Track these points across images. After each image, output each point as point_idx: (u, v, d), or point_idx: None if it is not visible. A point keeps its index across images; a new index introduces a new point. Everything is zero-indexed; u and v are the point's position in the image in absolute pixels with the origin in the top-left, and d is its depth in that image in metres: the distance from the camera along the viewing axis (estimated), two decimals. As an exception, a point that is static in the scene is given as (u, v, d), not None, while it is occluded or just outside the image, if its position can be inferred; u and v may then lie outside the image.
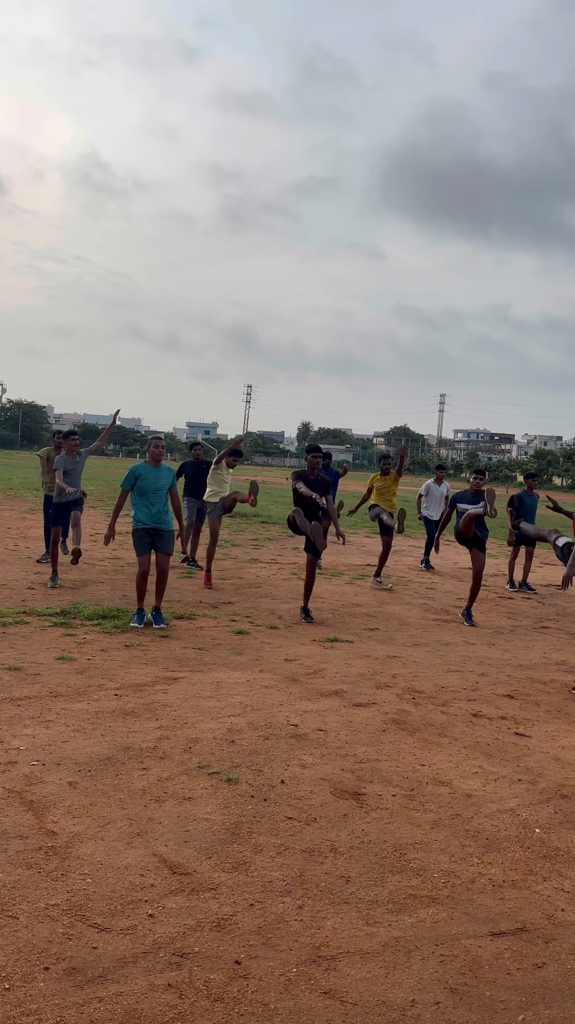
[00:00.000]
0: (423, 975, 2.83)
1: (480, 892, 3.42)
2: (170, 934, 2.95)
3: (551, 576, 14.12)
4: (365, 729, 5.31)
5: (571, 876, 3.61)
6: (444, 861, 3.65)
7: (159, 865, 3.42)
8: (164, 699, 5.61)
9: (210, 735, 4.96)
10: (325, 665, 6.94)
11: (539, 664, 7.64)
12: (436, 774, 4.65)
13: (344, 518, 15.65)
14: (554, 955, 3.01)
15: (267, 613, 9.06)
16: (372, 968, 2.85)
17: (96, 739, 4.77)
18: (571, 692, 6.62)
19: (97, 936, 2.90)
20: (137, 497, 8.18)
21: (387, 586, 11.47)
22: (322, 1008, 2.62)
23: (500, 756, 5.03)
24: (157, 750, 4.67)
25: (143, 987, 2.64)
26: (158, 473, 8.21)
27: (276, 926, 3.06)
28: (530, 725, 5.72)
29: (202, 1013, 2.55)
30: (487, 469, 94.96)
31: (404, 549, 16.36)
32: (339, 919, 3.13)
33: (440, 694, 6.29)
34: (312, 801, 4.16)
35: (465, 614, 9.52)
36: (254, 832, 3.78)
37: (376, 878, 3.46)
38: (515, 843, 3.88)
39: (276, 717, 5.39)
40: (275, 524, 19.25)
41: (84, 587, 9.71)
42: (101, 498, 21.73)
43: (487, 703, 6.16)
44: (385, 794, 4.31)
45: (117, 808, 3.92)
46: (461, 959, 2.94)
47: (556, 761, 5.01)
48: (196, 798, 4.08)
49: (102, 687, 5.80)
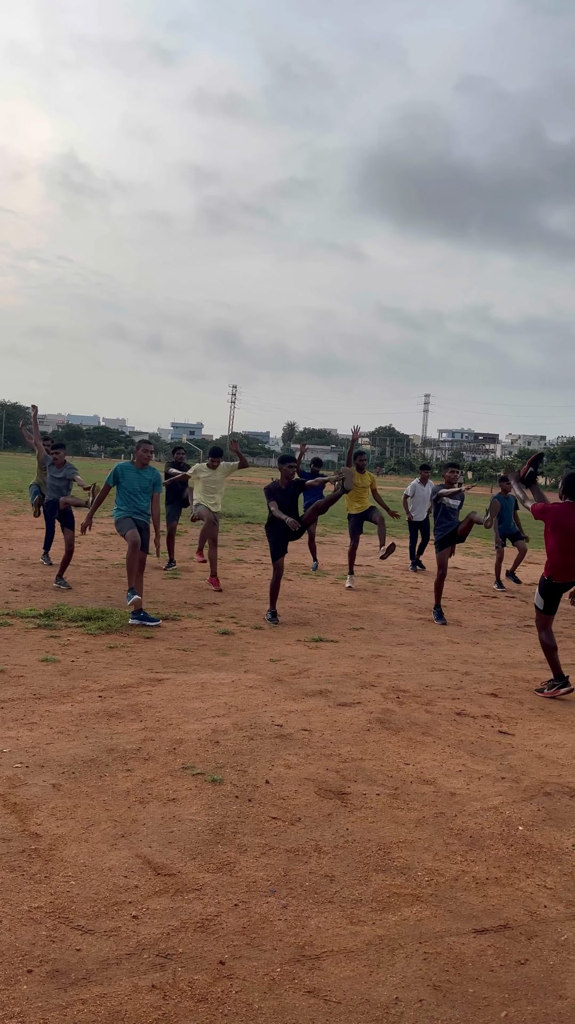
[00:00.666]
0: (407, 973, 2.84)
1: (464, 890, 3.43)
2: (154, 935, 2.94)
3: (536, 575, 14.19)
4: (350, 728, 5.32)
5: (554, 873, 3.63)
6: (428, 859, 3.66)
7: (143, 866, 3.42)
8: (148, 700, 5.60)
9: (195, 736, 4.95)
10: (310, 665, 6.95)
11: (523, 662, 7.68)
12: (420, 773, 4.66)
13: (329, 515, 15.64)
14: (536, 952, 3.03)
15: (252, 614, 9.06)
16: (356, 967, 2.86)
17: (80, 741, 4.75)
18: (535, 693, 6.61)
19: (80, 938, 2.89)
20: (121, 496, 8.35)
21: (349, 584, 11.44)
22: (306, 1007, 2.62)
23: (484, 754, 5.05)
24: (141, 751, 4.66)
25: (127, 988, 2.64)
26: (142, 475, 8.35)
27: (260, 926, 3.06)
28: (514, 723, 5.74)
29: (186, 1014, 2.55)
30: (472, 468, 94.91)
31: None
32: (323, 918, 3.14)
33: (424, 693, 6.31)
34: (297, 801, 4.16)
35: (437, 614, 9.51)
36: (239, 832, 3.78)
37: (360, 877, 3.46)
38: (498, 841, 3.90)
39: (261, 717, 5.39)
40: (260, 524, 19.26)
41: (72, 587, 9.67)
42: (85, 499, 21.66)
43: (471, 702, 6.18)
44: (369, 793, 4.32)
45: (101, 810, 3.91)
46: (444, 957, 2.95)
47: (539, 759, 5.04)
48: (180, 799, 4.08)
49: (86, 689, 5.78)
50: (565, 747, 5.30)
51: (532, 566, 15.43)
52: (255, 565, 12.92)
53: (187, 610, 8.97)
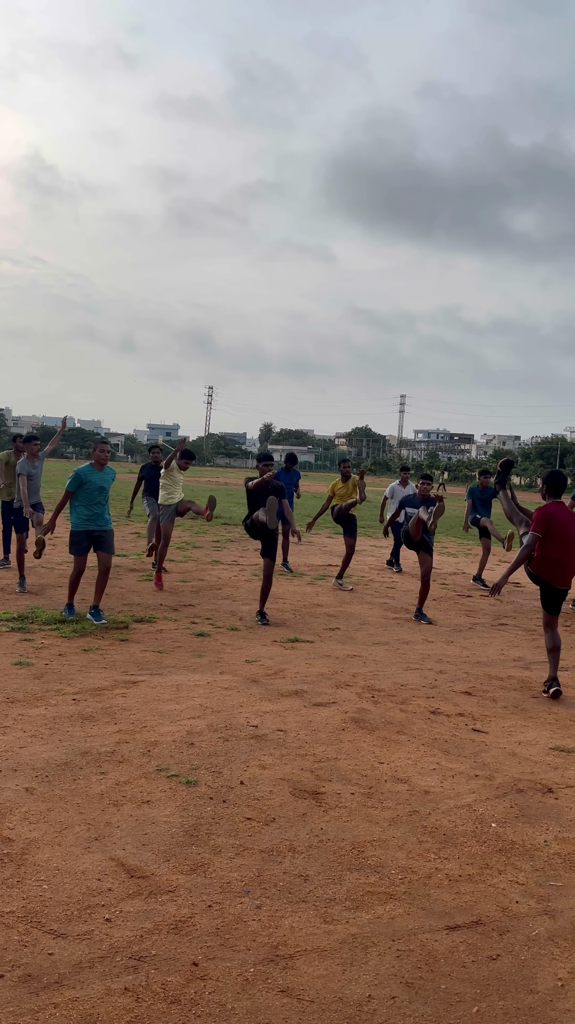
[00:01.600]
0: (380, 971, 2.86)
1: (436, 887, 3.45)
2: (127, 938, 2.94)
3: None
4: (325, 728, 5.34)
5: (526, 869, 3.67)
6: (402, 857, 3.68)
7: (117, 869, 3.41)
8: (123, 703, 5.58)
9: (169, 738, 4.94)
10: (286, 665, 6.95)
11: (497, 661, 7.74)
12: (395, 771, 4.69)
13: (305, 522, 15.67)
14: (508, 947, 3.06)
15: (228, 615, 9.06)
16: (329, 965, 2.87)
17: (54, 744, 4.73)
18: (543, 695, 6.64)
19: (53, 942, 2.88)
20: (79, 499, 8.27)
21: (348, 588, 11.49)
22: (279, 1007, 2.63)
23: (458, 752, 5.09)
24: (115, 754, 4.64)
25: (99, 992, 2.63)
26: (102, 475, 8.36)
27: (234, 926, 3.06)
28: (487, 721, 5.79)
29: (159, 1016, 2.54)
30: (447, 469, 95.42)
31: (365, 549, 16.45)
32: (297, 918, 3.15)
33: (399, 692, 6.34)
34: (271, 801, 4.17)
35: (418, 615, 9.58)
36: (213, 834, 3.78)
37: (334, 876, 3.48)
38: (471, 838, 3.93)
39: (236, 718, 5.39)
40: (236, 526, 19.23)
41: (42, 592, 9.61)
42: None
43: (445, 700, 6.22)
44: (344, 792, 4.34)
45: (75, 813, 3.89)
46: (417, 954, 2.97)
47: (512, 756, 5.08)
48: (154, 801, 4.07)
49: (60, 692, 5.75)
50: (538, 744, 5.35)
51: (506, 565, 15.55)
52: (231, 567, 12.91)
53: (162, 612, 8.95)
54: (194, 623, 8.49)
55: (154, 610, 8.99)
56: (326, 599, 10.62)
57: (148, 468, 12.21)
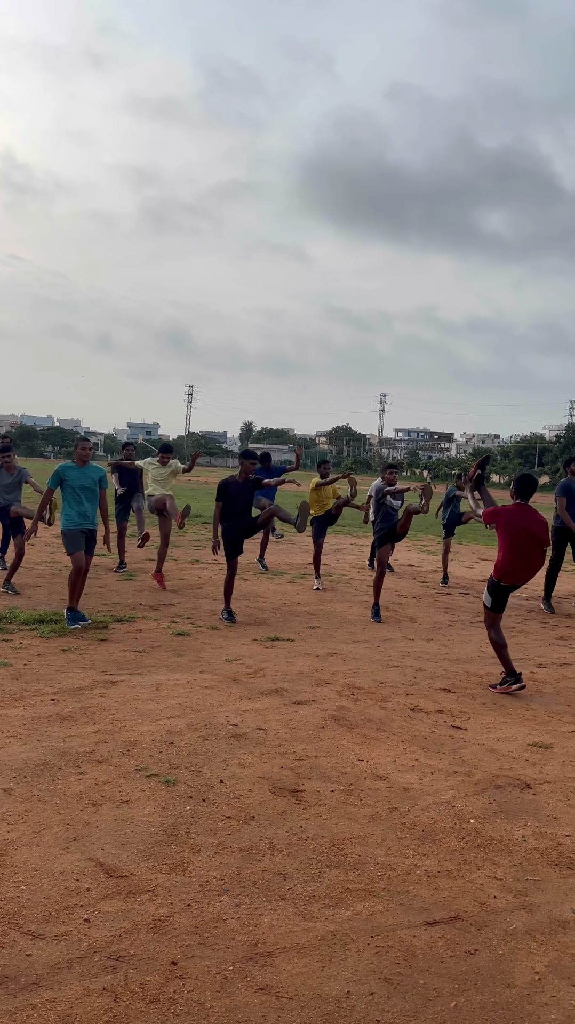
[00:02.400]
0: (358, 967, 2.87)
1: (415, 883, 3.47)
2: (106, 938, 2.93)
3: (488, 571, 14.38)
4: (304, 726, 5.34)
5: (504, 864, 3.69)
6: (381, 854, 3.70)
7: (95, 869, 3.39)
8: (102, 703, 5.56)
9: (149, 737, 4.93)
10: (266, 664, 6.96)
11: (475, 658, 7.78)
12: (374, 769, 4.70)
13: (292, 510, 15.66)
14: (486, 942, 3.08)
15: (208, 614, 9.04)
16: (308, 962, 2.88)
17: (32, 745, 4.70)
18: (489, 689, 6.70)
19: (31, 943, 2.87)
20: (67, 496, 8.15)
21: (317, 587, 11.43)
22: (258, 1004, 2.63)
23: (437, 749, 5.11)
24: (94, 754, 4.63)
25: (77, 992, 2.62)
26: (85, 472, 8.17)
27: (213, 925, 3.06)
28: (466, 718, 5.82)
29: (137, 1015, 2.54)
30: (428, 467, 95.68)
31: (345, 547, 16.48)
32: (276, 915, 3.15)
33: (379, 690, 6.36)
34: (251, 800, 4.17)
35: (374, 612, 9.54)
36: (192, 833, 3.77)
37: (313, 873, 3.48)
38: (450, 834, 3.95)
39: (216, 717, 5.39)
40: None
41: (21, 592, 9.55)
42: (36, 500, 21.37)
43: (425, 697, 6.25)
44: (323, 790, 4.35)
45: (53, 813, 3.88)
46: (396, 949, 2.99)
47: (491, 753, 5.12)
48: (134, 801, 4.06)
49: (39, 692, 5.72)
50: (516, 741, 5.38)
51: (487, 563, 15.64)
52: (212, 565, 12.89)
53: (142, 611, 8.92)
54: (174, 622, 8.47)
55: (134, 610, 8.96)
56: (306, 598, 10.63)
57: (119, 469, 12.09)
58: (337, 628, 8.79)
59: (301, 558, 14.37)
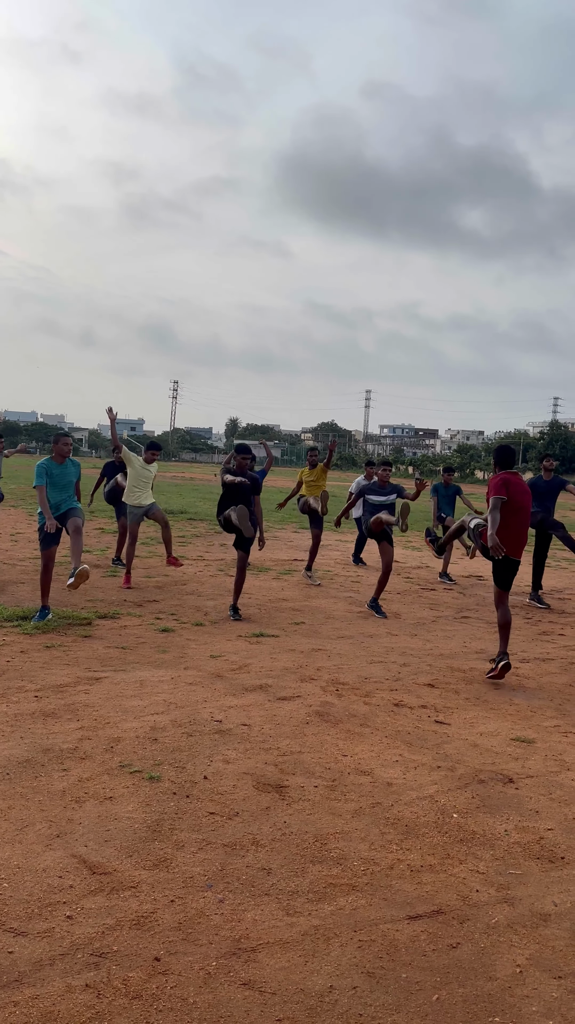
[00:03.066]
0: (341, 961, 2.88)
1: (398, 878, 3.49)
2: (88, 934, 2.92)
3: (472, 567, 14.44)
4: (289, 722, 5.35)
5: (486, 858, 3.71)
6: (364, 849, 3.71)
7: (78, 866, 3.39)
8: (86, 699, 5.55)
9: (132, 734, 4.92)
10: (250, 660, 6.96)
11: (459, 653, 7.81)
12: (358, 764, 4.72)
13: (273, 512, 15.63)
14: (468, 935, 3.10)
15: (193, 610, 9.03)
16: (291, 957, 2.88)
17: (15, 741, 4.68)
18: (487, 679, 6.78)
19: (12, 940, 2.86)
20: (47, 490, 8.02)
21: (316, 582, 11.49)
22: (241, 999, 2.64)
23: (420, 744, 5.13)
24: (78, 751, 4.61)
25: (60, 989, 2.62)
26: (65, 469, 8.10)
27: (196, 921, 3.06)
28: (450, 713, 5.84)
29: (120, 1011, 2.54)
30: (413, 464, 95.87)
31: (330, 543, 16.50)
32: (260, 911, 3.16)
33: (363, 685, 6.38)
34: (235, 795, 4.17)
35: (372, 605, 9.62)
36: (176, 829, 3.77)
37: (297, 869, 3.49)
38: (433, 829, 3.97)
39: (200, 713, 5.38)
40: (202, 521, 19.18)
41: (4, 588, 9.50)
42: (23, 496, 21.27)
43: (409, 692, 6.27)
44: (307, 786, 4.36)
45: (36, 810, 3.86)
46: (378, 944, 3.00)
47: (474, 747, 5.14)
48: (117, 797, 4.05)
49: (21, 689, 5.69)
50: (499, 735, 5.41)
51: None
52: (196, 562, 12.88)
53: (127, 608, 8.90)
54: (159, 619, 8.45)
55: (118, 606, 8.94)
56: (291, 594, 10.63)
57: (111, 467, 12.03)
58: (322, 624, 8.80)
59: (286, 554, 14.38)
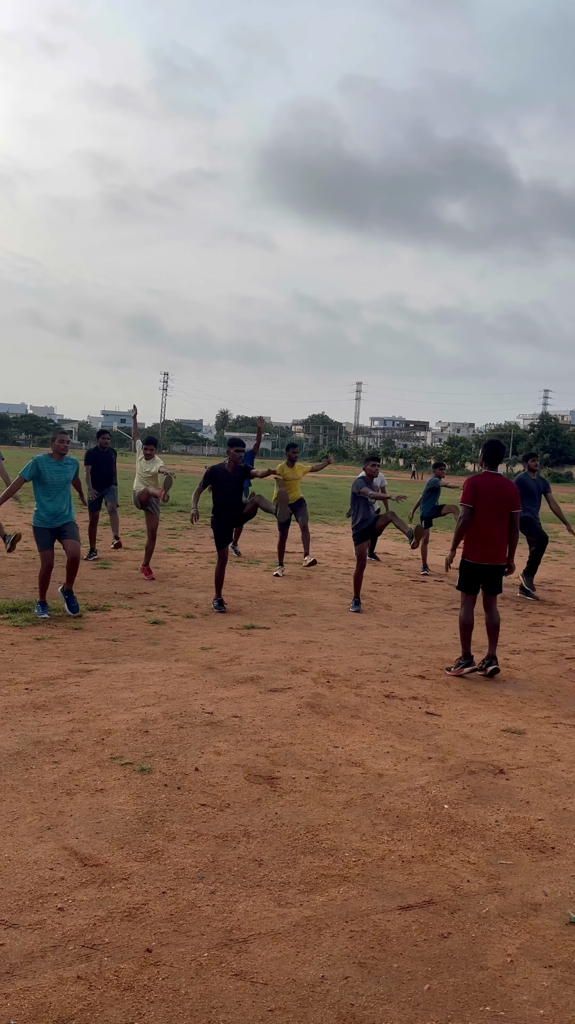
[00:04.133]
0: (333, 952, 2.88)
1: (390, 868, 3.49)
2: (80, 926, 2.92)
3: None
4: (280, 714, 5.35)
5: (477, 848, 3.73)
6: (355, 840, 3.72)
7: (70, 858, 3.38)
8: (76, 692, 5.53)
9: (123, 726, 4.91)
10: (241, 652, 6.95)
11: (450, 645, 7.83)
12: (349, 755, 4.72)
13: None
14: (459, 925, 3.11)
15: (184, 602, 9.02)
16: (283, 948, 2.89)
17: (5, 734, 4.67)
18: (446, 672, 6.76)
19: (4, 932, 2.85)
20: (39, 491, 7.91)
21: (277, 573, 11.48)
22: (233, 990, 2.64)
23: (411, 735, 5.14)
24: (69, 743, 4.60)
25: (52, 981, 2.61)
26: (62, 467, 7.97)
27: (188, 912, 3.06)
28: (440, 704, 5.86)
29: (112, 1003, 2.54)
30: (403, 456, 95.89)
31: (321, 536, 16.50)
32: (251, 902, 3.16)
33: (354, 677, 6.38)
34: (226, 787, 4.17)
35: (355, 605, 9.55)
36: (167, 820, 3.77)
37: (288, 860, 3.50)
38: (424, 819, 3.98)
39: (191, 705, 5.38)
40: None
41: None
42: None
43: (399, 684, 6.28)
44: (298, 777, 4.36)
45: (27, 803, 3.85)
46: (370, 934, 3.00)
47: (465, 739, 5.16)
48: (108, 789, 4.05)
49: (12, 681, 5.68)
50: (489, 726, 5.43)
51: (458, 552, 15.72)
52: (187, 554, 12.86)
53: (117, 600, 8.88)
54: (149, 611, 8.44)
55: (108, 598, 8.92)
56: (282, 586, 10.63)
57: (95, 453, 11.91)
58: (313, 616, 8.80)
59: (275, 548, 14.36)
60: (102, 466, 11.78)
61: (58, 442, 8.01)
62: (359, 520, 9.52)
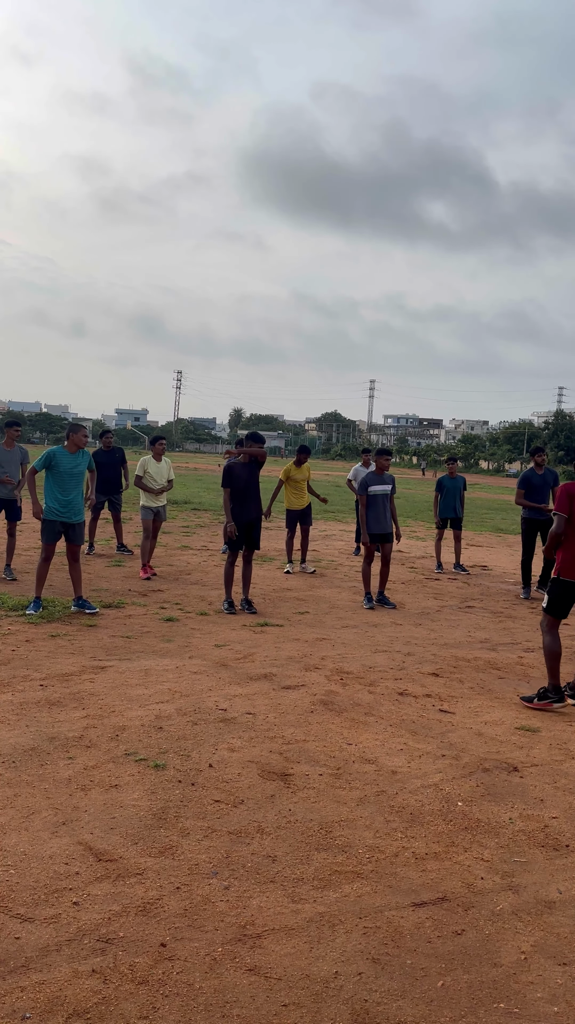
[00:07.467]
0: (346, 948, 2.89)
1: (403, 865, 3.49)
2: (95, 920, 2.94)
3: (477, 557, 14.44)
4: (293, 711, 5.36)
5: (491, 846, 3.72)
6: (369, 837, 3.72)
7: (84, 853, 3.40)
8: (91, 688, 5.56)
9: (138, 722, 4.93)
10: (255, 649, 6.96)
11: (463, 643, 7.81)
12: (362, 752, 4.72)
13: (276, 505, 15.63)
14: (473, 922, 3.11)
15: (198, 600, 9.04)
16: (297, 943, 2.89)
17: (21, 730, 4.70)
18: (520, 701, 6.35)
19: (20, 927, 2.87)
20: (52, 482, 7.97)
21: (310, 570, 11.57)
22: (247, 985, 2.65)
23: (425, 733, 5.14)
24: (83, 739, 4.63)
25: (67, 974, 2.63)
26: (77, 459, 8.04)
27: (202, 907, 3.07)
28: (454, 702, 5.85)
29: (126, 997, 2.55)
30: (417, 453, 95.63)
31: (334, 533, 16.50)
32: (265, 898, 3.17)
33: (367, 674, 6.38)
34: (240, 783, 4.19)
35: (381, 599, 9.58)
36: (181, 816, 3.78)
37: (302, 856, 3.50)
38: (438, 817, 3.98)
39: (205, 702, 5.39)
40: (206, 511, 19.18)
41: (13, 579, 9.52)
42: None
43: (413, 681, 6.27)
44: (312, 774, 4.37)
45: (42, 798, 3.88)
46: (383, 930, 3.01)
47: (478, 736, 5.15)
48: (123, 785, 4.07)
49: (27, 678, 5.71)
50: (503, 724, 5.42)
51: (474, 548, 15.67)
52: (201, 552, 12.89)
53: (131, 597, 8.91)
54: (163, 608, 8.46)
55: (122, 596, 8.95)
56: (295, 583, 10.64)
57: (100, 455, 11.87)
58: (326, 613, 8.80)
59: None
60: (106, 468, 11.77)
61: (80, 436, 8.09)
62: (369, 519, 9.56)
